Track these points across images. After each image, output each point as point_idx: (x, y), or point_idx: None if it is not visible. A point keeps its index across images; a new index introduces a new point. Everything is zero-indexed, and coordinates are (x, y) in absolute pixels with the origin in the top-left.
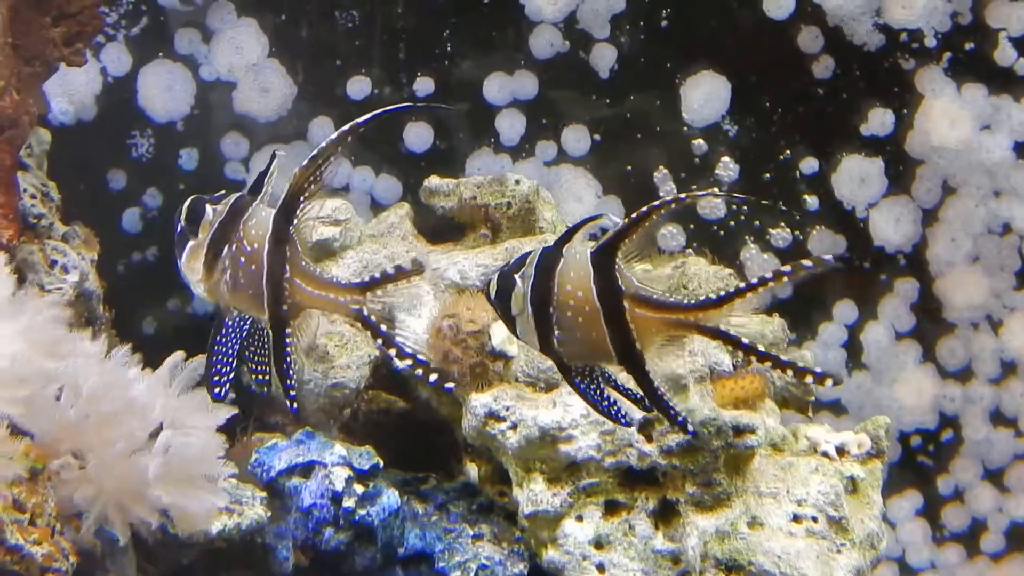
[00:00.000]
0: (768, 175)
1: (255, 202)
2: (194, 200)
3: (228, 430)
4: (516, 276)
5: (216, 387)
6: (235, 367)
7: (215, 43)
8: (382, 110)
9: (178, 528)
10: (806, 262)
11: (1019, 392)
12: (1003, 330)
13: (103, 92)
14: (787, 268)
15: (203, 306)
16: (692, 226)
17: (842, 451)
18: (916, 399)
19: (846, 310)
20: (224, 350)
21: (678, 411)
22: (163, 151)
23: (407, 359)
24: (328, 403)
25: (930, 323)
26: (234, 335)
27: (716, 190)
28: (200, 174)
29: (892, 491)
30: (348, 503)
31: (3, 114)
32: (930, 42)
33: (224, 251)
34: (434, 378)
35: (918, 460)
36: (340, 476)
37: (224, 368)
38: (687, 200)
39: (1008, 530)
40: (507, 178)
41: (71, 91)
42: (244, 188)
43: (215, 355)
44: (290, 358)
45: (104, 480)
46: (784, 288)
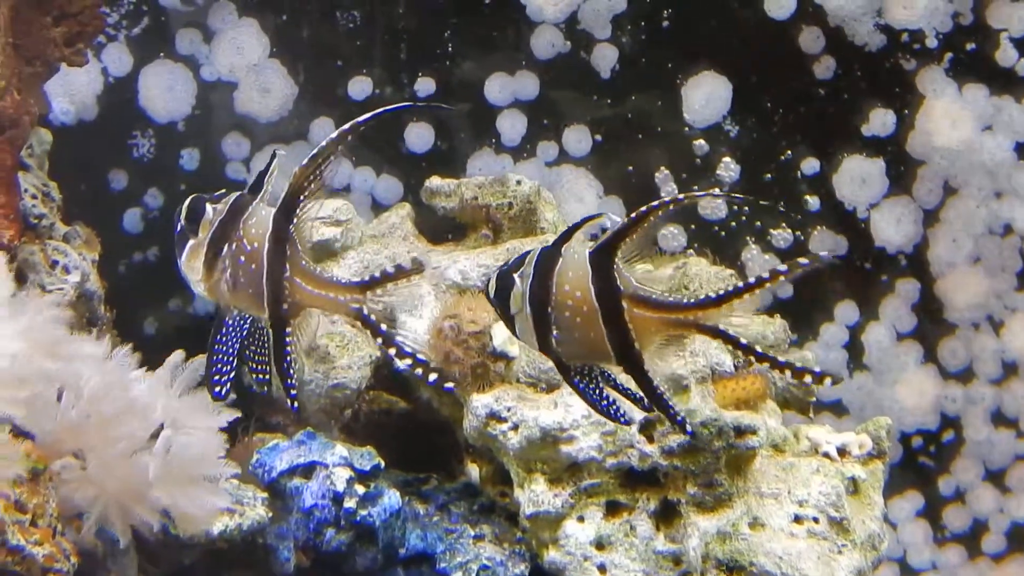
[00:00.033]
0: (769, 175)
1: (255, 201)
2: (194, 199)
3: (229, 430)
4: (515, 275)
5: (216, 386)
6: (235, 366)
7: (216, 43)
8: (383, 110)
9: (179, 529)
10: (803, 260)
11: (1020, 393)
12: (1004, 331)
13: (104, 92)
14: (784, 267)
15: (204, 306)
16: (693, 227)
17: (843, 452)
18: (917, 400)
19: (847, 311)
20: (224, 349)
21: (677, 411)
22: (164, 151)
23: (407, 359)
24: (329, 403)
25: (931, 324)
26: (234, 334)
27: (717, 190)
28: (201, 174)
29: (893, 492)
30: (349, 504)
31: (4, 114)
32: (931, 42)
33: (224, 250)
34: (434, 378)
35: (919, 461)
36: (341, 477)
37: (224, 367)
38: (686, 201)
39: (1009, 531)
40: (508, 179)
41: (72, 91)
42: (244, 188)
43: (215, 354)
44: (290, 357)
45: (105, 481)
46: (785, 289)
